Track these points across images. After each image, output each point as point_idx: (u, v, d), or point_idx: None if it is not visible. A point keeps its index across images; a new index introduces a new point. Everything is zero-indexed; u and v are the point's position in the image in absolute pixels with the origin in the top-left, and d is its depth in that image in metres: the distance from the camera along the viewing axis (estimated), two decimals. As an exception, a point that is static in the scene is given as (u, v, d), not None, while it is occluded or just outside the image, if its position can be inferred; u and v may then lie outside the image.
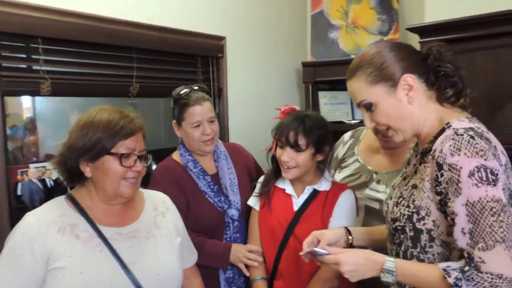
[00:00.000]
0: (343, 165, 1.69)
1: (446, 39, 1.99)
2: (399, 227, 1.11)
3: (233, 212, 1.66)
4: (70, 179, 1.22)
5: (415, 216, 1.07)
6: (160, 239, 1.26)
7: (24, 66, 1.71)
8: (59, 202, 1.21)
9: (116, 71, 1.98)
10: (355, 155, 1.67)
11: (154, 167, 1.76)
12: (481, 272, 0.94)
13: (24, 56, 1.70)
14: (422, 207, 1.06)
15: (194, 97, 1.65)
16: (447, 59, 1.12)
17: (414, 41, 2.24)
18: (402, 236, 1.10)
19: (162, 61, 2.15)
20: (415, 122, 1.11)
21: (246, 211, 1.69)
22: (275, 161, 1.60)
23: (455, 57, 1.13)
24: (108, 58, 1.94)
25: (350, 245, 1.32)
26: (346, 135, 1.76)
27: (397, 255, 1.13)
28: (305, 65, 2.84)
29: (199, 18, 2.30)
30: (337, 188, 1.57)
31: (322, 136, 1.52)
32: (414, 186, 1.10)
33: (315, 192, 1.55)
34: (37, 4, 1.64)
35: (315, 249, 1.18)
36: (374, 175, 1.59)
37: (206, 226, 1.63)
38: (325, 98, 2.85)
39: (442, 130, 1.08)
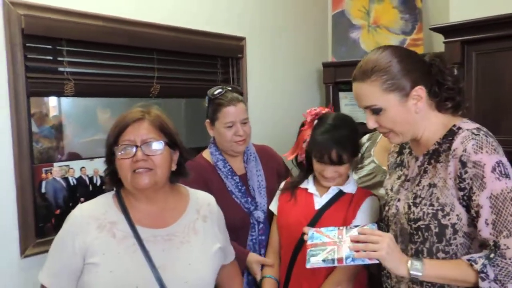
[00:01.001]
0: (359, 166, 1.73)
1: (472, 39, 1.94)
2: (423, 226, 1.16)
3: (259, 214, 1.66)
4: (112, 183, 1.25)
5: (440, 213, 1.13)
6: (195, 246, 1.23)
7: (49, 67, 1.76)
8: (106, 199, 1.24)
9: (137, 72, 2.02)
10: (371, 156, 1.74)
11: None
12: (506, 258, 1.04)
13: (49, 58, 1.75)
14: (447, 204, 1.12)
15: (229, 98, 1.66)
16: (447, 72, 1.19)
17: (438, 41, 2.19)
18: (426, 233, 1.15)
19: (182, 62, 2.18)
20: (417, 128, 1.18)
21: (272, 214, 1.68)
22: (303, 165, 1.60)
23: (453, 70, 1.21)
24: (129, 60, 1.98)
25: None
26: (364, 138, 1.80)
27: (416, 253, 1.17)
28: (326, 65, 2.81)
29: (219, 19, 2.31)
30: (363, 192, 1.56)
31: (357, 141, 1.53)
32: (433, 185, 1.16)
33: (340, 193, 1.53)
34: (62, 7, 1.68)
35: (369, 225, 1.16)
36: (383, 174, 1.64)
37: (231, 226, 1.57)
38: (346, 99, 2.82)
39: (452, 132, 1.15)
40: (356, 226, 1.18)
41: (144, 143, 1.17)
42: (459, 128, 1.15)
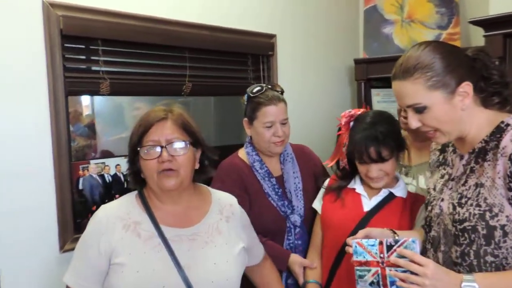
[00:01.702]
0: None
1: (514, 32, 1.86)
2: (469, 227, 1.11)
3: (296, 218, 1.62)
4: (135, 182, 1.25)
5: (487, 214, 1.08)
6: (219, 246, 1.22)
7: (85, 67, 1.80)
8: (129, 199, 1.24)
9: (170, 70, 2.03)
10: None
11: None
12: None
13: (85, 57, 1.79)
14: (496, 204, 1.08)
15: (270, 96, 1.62)
16: (493, 66, 1.15)
17: (477, 34, 2.12)
18: (473, 235, 1.10)
19: (213, 60, 2.18)
20: (463, 126, 1.13)
21: (309, 217, 1.64)
22: (345, 170, 1.55)
23: (500, 64, 1.14)
24: (162, 58, 2.00)
25: None
26: None
27: (462, 256, 1.12)
28: (358, 62, 2.76)
29: (249, 16, 2.30)
30: (416, 199, 1.50)
31: (398, 135, 1.47)
32: (480, 185, 1.11)
33: (390, 196, 1.48)
34: (97, 7, 1.71)
35: (412, 238, 1.09)
36: (403, 168, 1.66)
37: (267, 229, 1.58)
38: (378, 96, 2.76)
39: (500, 129, 1.11)
40: (396, 242, 1.11)
41: (169, 143, 1.16)
42: (508, 125, 1.11)
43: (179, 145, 1.17)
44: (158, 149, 1.15)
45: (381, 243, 1.13)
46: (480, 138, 1.15)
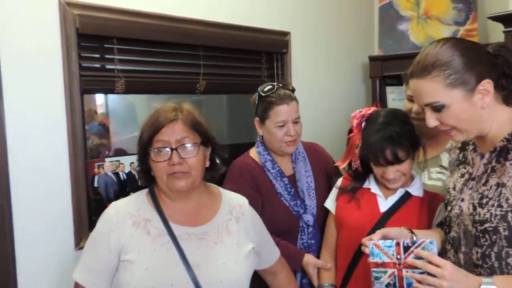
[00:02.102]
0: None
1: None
2: (490, 228, 1.08)
3: (309, 218, 1.60)
4: (145, 180, 1.25)
5: (510, 214, 1.06)
6: (228, 246, 1.22)
7: (100, 65, 1.81)
8: (140, 196, 1.25)
9: (184, 68, 2.04)
10: None
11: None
12: None
13: (101, 56, 1.80)
14: None
15: (281, 95, 1.59)
16: None
17: (495, 31, 2.07)
18: (494, 237, 1.08)
19: (227, 58, 2.18)
20: (483, 124, 1.11)
21: (322, 216, 1.63)
22: (358, 172, 1.51)
23: None
24: (176, 57, 2.00)
25: None
26: None
27: (483, 257, 1.10)
28: (372, 59, 2.73)
29: (264, 14, 2.29)
30: (434, 198, 1.47)
31: (413, 134, 1.42)
32: (501, 185, 1.08)
33: (407, 195, 1.45)
34: (113, 6, 1.72)
35: (430, 239, 1.07)
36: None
37: (280, 229, 1.57)
38: (393, 94, 2.72)
39: None
40: (413, 243, 1.09)
41: (179, 145, 1.15)
42: None
43: (189, 147, 1.16)
44: (169, 151, 1.14)
45: (398, 244, 1.11)
46: (501, 137, 1.12)
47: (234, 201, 1.32)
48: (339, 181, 1.59)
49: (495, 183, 1.10)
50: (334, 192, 1.58)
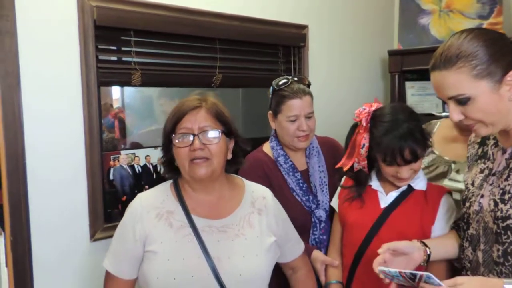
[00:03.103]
0: None
1: None
2: None
3: (321, 213, 1.59)
4: (168, 171, 1.27)
5: None
6: (250, 239, 1.22)
7: (117, 58, 1.81)
8: (164, 188, 1.27)
9: (200, 61, 2.02)
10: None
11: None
12: None
13: (117, 48, 1.80)
14: None
15: (295, 89, 1.58)
16: None
17: (522, 24, 2.00)
18: None
19: (244, 52, 2.15)
20: (509, 117, 1.08)
21: (334, 212, 1.61)
22: (360, 174, 1.45)
23: None
24: (193, 49, 1.99)
25: (428, 257, 1.25)
26: None
27: (504, 255, 1.08)
28: (392, 53, 2.66)
29: (281, 7, 2.26)
30: (436, 189, 1.44)
31: (423, 128, 1.38)
32: None
33: (409, 190, 1.41)
34: (130, -2, 1.71)
35: (426, 273, 1.04)
36: (453, 165, 1.56)
37: (292, 224, 1.58)
38: (412, 89, 2.66)
39: None
40: (414, 275, 1.06)
41: (201, 131, 1.16)
42: None
43: (212, 133, 1.17)
44: (191, 137, 1.16)
45: (401, 272, 1.09)
46: None
47: (257, 193, 1.32)
48: (343, 181, 1.56)
49: None
50: (338, 191, 1.57)
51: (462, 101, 1.05)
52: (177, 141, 1.17)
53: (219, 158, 1.19)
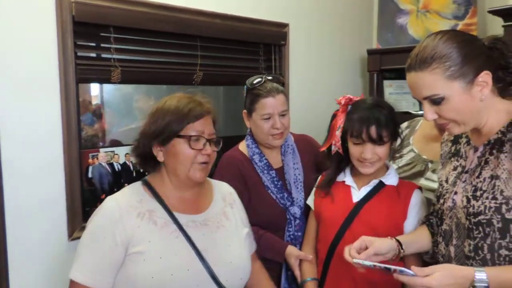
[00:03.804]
0: (397, 155, 1.67)
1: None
2: (484, 220, 1.09)
3: (295, 210, 1.61)
4: (144, 164, 1.26)
5: (504, 207, 1.06)
6: (229, 229, 1.28)
7: (96, 54, 1.78)
8: (136, 188, 1.24)
9: (181, 59, 2.01)
10: (410, 145, 1.67)
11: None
12: None
13: (97, 45, 1.77)
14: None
15: (268, 88, 1.59)
16: (511, 54, 1.11)
17: (494, 25, 2.07)
18: (488, 229, 1.09)
19: (225, 49, 2.16)
20: (481, 117, 1.11)
21: (309, 209, 1.62)
22: (336, 158, 1.50)
23: None
24: (174, 47, 1.98)
25: (400, 258, 1.29)
26: (402, 126, 1.71)
27: (475, 250, 1.11)
28: (371, 52, 2.71)
29: (262, 5, 2.27)
30: (407, 185, 1.48)
31: (397, 124, 1.44)
32: (495, 177, 1.09)
33: (380, 185, 1.45)
34: (109, -6, 1.69)
35: (398, 268, 1.08)
36: (430, 164, 1.58)
37: (267, 221, 1.59)
38: (390, 87, 2.72)
39: None
40: (387, 269, 1.10)
41: (211, 138, 1.22)
42: None
43: (217, 142, 1.24)
44: (203, 141, 1.19)
45: (375, 266, 1.14)
46: (496, 129, 1.12)
47: (224, 189, 1.38)
48: (318, 180, 1.59)
49: (489, 175, 1.11)
50: (314, 190, 1.59)
51: (436, 101, 1.07)
52: (194, 141, 1.18)
53: (212, 163, 1.25)
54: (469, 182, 1.15)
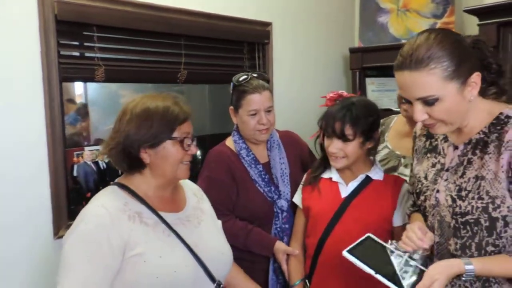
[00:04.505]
0: (372, 152, 1.69)
1: (508, 21, 1.87)
2: (472, 220, 1.10)
3: (283, 203, 1.65)
4: (128, 166, 1.21)
5: (490, 206, 1.07)
6: (209, 223, 1.32)
7: (80, 53, 1.79)
8: (115, 191, 1.19)
9: (165, 58, 2.03)
10: (385, 141, 1.72)
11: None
12: None
13: (80, 43, 1.78)
14: (498, 197, 1.07)
15: (254, 85, 1.62)
16: (490, 55, 1.12)
17: (471, 24, 2.13)
18: (476, 228, 1.10)
19: (209, 48, 2.18)
20: (466, 117, 1.11)
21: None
22: (323, 149, 1.56)
23: (496, 53, 1.13)
24: (158, 45, 1.99)
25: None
26: None
27: (462, 248, 1.12)
28: (353, 51, 2.76)
29: (245, 4, 2.29)
30: (393, 178, 1.52)
31: (371, 124, 1.46)
32: (481, 178, 1.09)
33: (367, 180, 1.49)
34: (92, -7, 1.70)
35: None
36: (402, 160, 1.63)
37: (254, 215, 1.62)
38: (372, 85, 2.77)
39: (500, 121, 1.10)
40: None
41: (193, 139, 1.24)
42: (508, 117, 1.10)
43: (196, 140, 1.26)
44: (190, 141, 1.22)
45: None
46: (477, 129, 1.13)
47: (192, 185, 1.40)
48: (304, 178, 1.63)
49: (473, 175, 1.11)
50: (300, 187, 1.63)
51: (430, 102, 1.05)
52: (185, 143, 1.20)
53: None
54: (452, 181, 1.15)
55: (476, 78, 1.06)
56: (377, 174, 1.51)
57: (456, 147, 1.17)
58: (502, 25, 1.90)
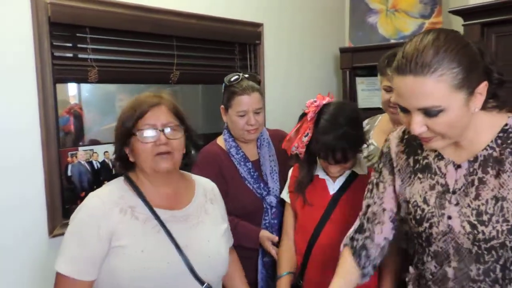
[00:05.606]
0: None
1: (492, 21, 1.92)
2: (497, 244, 0.99)
3: (272, 199, 1.69)
4: (122, 167, 1.27)
5: None
6: (208, 225, 1.31)
7: (73, 55, 1.81)
8: (118, 184, 1.26)
9: (158, 59, 2.05)
10: (370, 139, 1.76)
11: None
12: None
13: (74, 45, 1.80)
14: None
15: (244, 86, 1.66)
16: (492, 61, 0.99)
17: (458, 24, 2.17)
18: (501, 251, 1.00)
19: (201, 49, 2.20)
20: (465, 131, 0.99)
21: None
22: (307, 163, 1.54)
23: (495, 61, 1.01)
24: (150, 47, 2.02)
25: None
26: (364, 122, 1.76)
27: (486, 272, 1.02)
28: (343, 50, 2.81)
29: (237, 5, 2.32)
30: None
31: (360, 133, 1.48)
32: (502, 199, 0.98)
33: (353, 175, 1.53)
34: (85, -5, 1.72)
35: None
36: None
37: (244, 210, 1.66)
38: (362, 84, 2.82)
39: (508, 134, 1.00)
40: None
41: (164, 127, 1.21)
42: None
43: (175, 130, 1.23)
44: (155, 132, 1.20)
45: None
46: (481, 144, 1.01)
47: (206, 185, 1.40)
48: (290, 172, 1.66)
49: (491, 196, 0.99)
50: (288, 183, 1.66)
51: (432, 113, 0.92)
52: (142, 136, 1.19)
53: (180, 152, 1.25)
54: (465, 204, 1.02)
55: (483, 88, 0.94)
56: (361, 169, 1.54)
57: (458, 166, 1.05)
58: (486, 25, 1.95)
